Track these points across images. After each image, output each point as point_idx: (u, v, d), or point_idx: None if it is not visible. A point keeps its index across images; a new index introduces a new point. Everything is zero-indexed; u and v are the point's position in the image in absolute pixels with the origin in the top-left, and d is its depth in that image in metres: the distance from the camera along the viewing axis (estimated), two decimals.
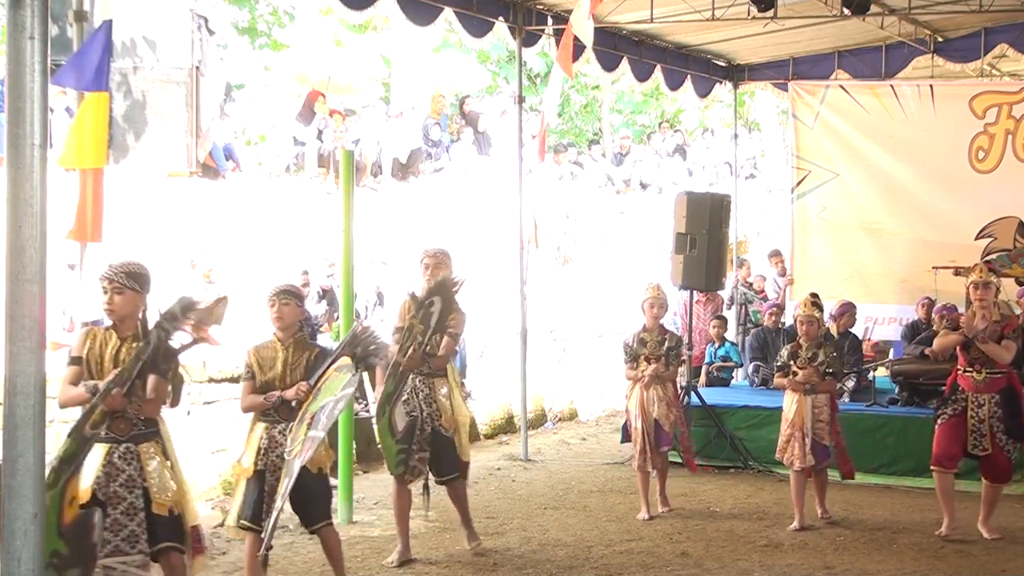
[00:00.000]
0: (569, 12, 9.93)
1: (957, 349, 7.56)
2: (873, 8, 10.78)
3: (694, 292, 11.40)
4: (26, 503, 3.68)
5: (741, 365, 12.26)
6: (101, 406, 4.96)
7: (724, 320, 12.62)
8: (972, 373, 7.48)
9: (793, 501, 8.08)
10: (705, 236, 10.39)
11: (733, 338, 13.02)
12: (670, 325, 11.66)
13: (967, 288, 7.66)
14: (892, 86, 12.62)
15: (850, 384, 10.45)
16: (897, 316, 12.42)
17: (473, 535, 7.34)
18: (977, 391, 7.47)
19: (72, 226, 6.60)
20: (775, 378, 8.34)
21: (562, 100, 20.85)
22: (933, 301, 11.07)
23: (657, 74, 12.59)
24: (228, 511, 7.92)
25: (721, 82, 13.82)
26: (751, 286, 13.94)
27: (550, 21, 10.79)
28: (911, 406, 10.00)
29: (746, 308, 13.62)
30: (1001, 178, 12.23)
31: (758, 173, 20.70)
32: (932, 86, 12.50)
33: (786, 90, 13.35)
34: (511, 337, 11.35)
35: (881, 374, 11.05)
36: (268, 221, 13.20)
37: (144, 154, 12.99)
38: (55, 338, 8.86)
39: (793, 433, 8.02)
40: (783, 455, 8.16)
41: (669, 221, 10.99)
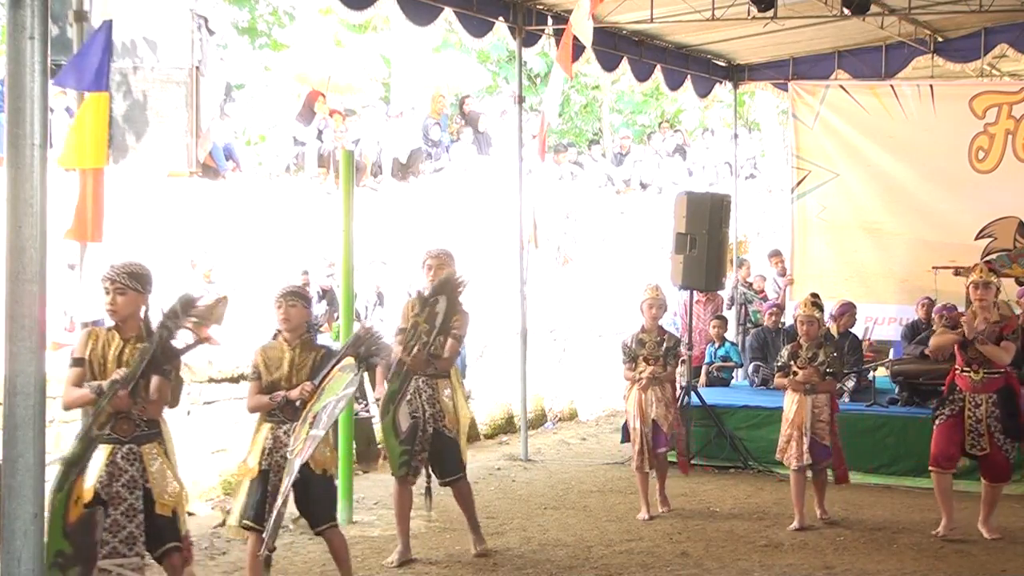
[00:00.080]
0: (569, 12, 9.93)
1: (955, 349, 7.56)
2: (873, 8, 10.78)
3: (694, 292, 11.40)
4: (26, 503, 3.68)
5: (741, 365, 12.26)
6: (107, 407, 4.97)
7: (724, 320, 12.62)
8: (970, 373, 7.48)
9: (793, 501, 8.08)
10: (705, 236, 10.38)
11: (733, 338, 13.02)
12: (669, 326, 11.68)
13: (967, 288, 7.66)
14: (892, 86, 12.62)
15: (850, 384, 10.45)
16: (897, 316, 12.42)
17: (480, 539, 7.31)
18: (974, 391, 7.46)
19: (71, 225, 6.59)
20: (775, 378, 8.35)
21: (562, 100, 20.83)
22: (933, 301, 11.07)
23: (657, 74, 12.59)
24: (228, 511, 7.96)
25: (721, 82, 13.82)
26: (751, 286, 13.94)
27: (550, 21, 10.79)
28: (911, 406, 10.00)
29: (746, 308, 13.62)
30: (1001, 178, 12.23)
31: (758, 173, 20.70)
32: (932, 86, 12.50)
33: (786, 90, 13.36)
34: (511, 337, 11.35)
35: (881, 374, 11.06)
36: (268, 221, 13.19)
37: (144, 154, 12.98)
38: (55, 338, 8.87)
39: (793, 433, 8.03)
40: (783, 455, 8.16)
41: (669, 221, 10.99)
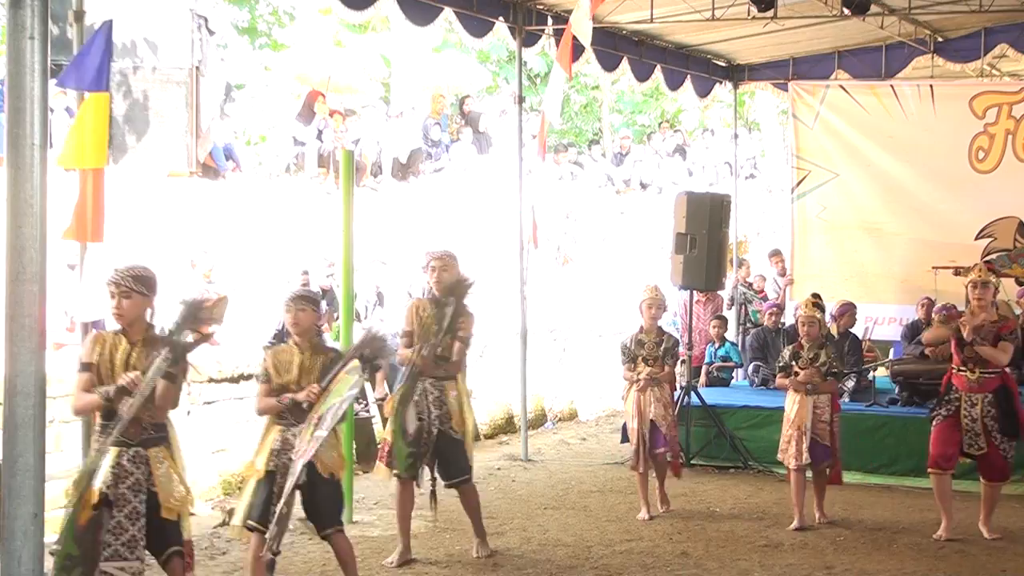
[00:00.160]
0: (569, 12, 9.93)
1: (952, 348, 7.57)
2: (873, 8, 10.78)
3: (694, 292, 11.40)
4: (26, 503, 3.69)
5: (741, 365, 12.25)
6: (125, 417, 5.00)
7: (724, 320, 12.62)
8: (966, 372, 7.48)
9: (793, 501, 8.08)
10: (705, 236, 10.38)
11: (733, 338, 13.02)
12: (669, 326, 11.68)
13: (966, 287, 7.66)
14: (892, 86, 12.62)
15: (850, 384, 10.45)
16: (897, 316, 12.42)
17: (483, 544, 7.28)
18: (970, 390, 7.46)
19: (69, 225, 6.59)
20: (777, 379, 8.35)
21: (563, 100, 20.83)
22: (933, 301, 11.07)
23: (657, 74, 12.59)
24: (227, 509, 7.97)
25: (721, 82, 13.82)
26: (751, 286, 13.94)
27: (550, 21, 10.79)
28: (911, 406, 10.01)
29: (746, 308, 13.62)
30: (1001, 178, 12.23)
31: (758, 173, 20.70)
32: (932, 86, 12.50)
33: (786, 90, 13.36)
34: (511, 337, 11.34)
35: (881, 374, 11.06)
36: (268, 221, 13.19)
37: (144, 154, 12.96)
38: (55, 338, 8.87)
39: (794, 433, 8.03)
40: (784, 456, 8.16)
41: (669, 221, 10.99)
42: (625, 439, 9.37)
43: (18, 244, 3.64)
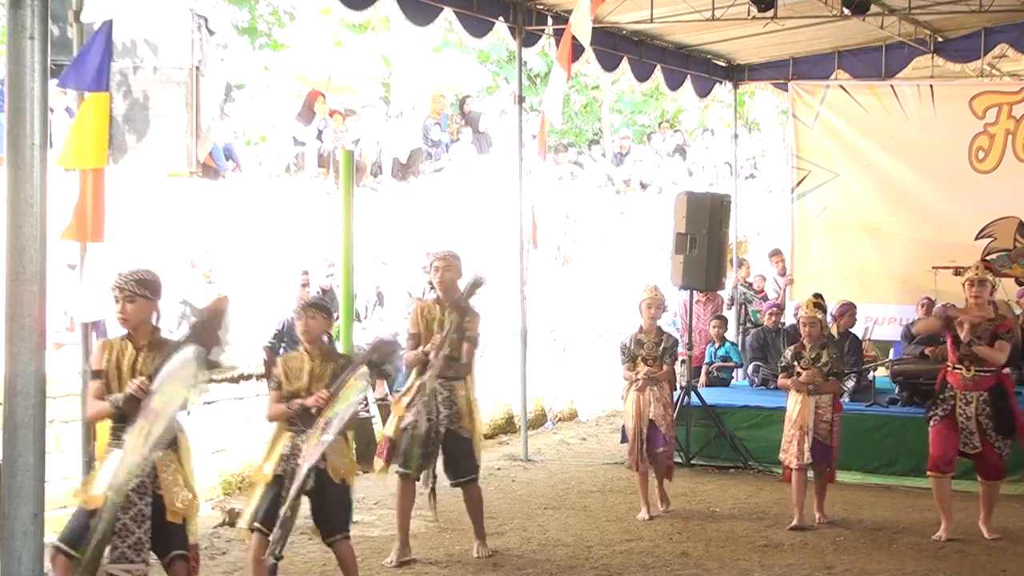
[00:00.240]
0: (569, 12, 9.93)
1: (948, 346, 7.57)
2: (873, 8, 10.78)
3: (694, 292, 11.40)
4: (26, 503, 3.69)
5: (741, 365, 12.25)
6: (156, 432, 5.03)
7: (724, 320, 12.62)
8: (961, 370, 7.48)
9: (793, 500, 8.08)
10: (705, 236, 10.38)
11: (733, 338, 13.02)
12: (669, 326, 11.68)
13: (963, 285, 7.66)
14: (892, 86, 12.62)
15: (850, 384, 10.45)
16: (897, 316, 12.42)
17: (483, 546, 7.29)
18: (965, 388, 7.46)
19: (69, 225, 6.59)
20: (779, 379, 8.35)
21: (563, 100, 20.84)
22: (933, 301, 11.07)
23: (657, 74, 12.59)
24: (227, 509, 7.98)
25: (721, 82, 13.82)
26: (751, 286, 13.94)
27: (550, 21, 10.79)
28: (911, 406, 10.00)
29: (746, 308, 13.61)
30: (1001, 178, 12.24)
31: (758, 173, 20.69)
32: (932, 86, 12.50)
33: (786, 90, 13.36)
34: (511, 337, 11.34)
35: (881, 374, 11.06)
36: (268, 221, 13.19)
37: (144, 154, 12.95)
38: (55, 338, 8.87)
39: (795, 433, 8.03)
40: (786, 455, 8.16)
41: (669, 221, 10.99)
42: (625, 439, 9.37)
43: (18, 244, 3.64)
